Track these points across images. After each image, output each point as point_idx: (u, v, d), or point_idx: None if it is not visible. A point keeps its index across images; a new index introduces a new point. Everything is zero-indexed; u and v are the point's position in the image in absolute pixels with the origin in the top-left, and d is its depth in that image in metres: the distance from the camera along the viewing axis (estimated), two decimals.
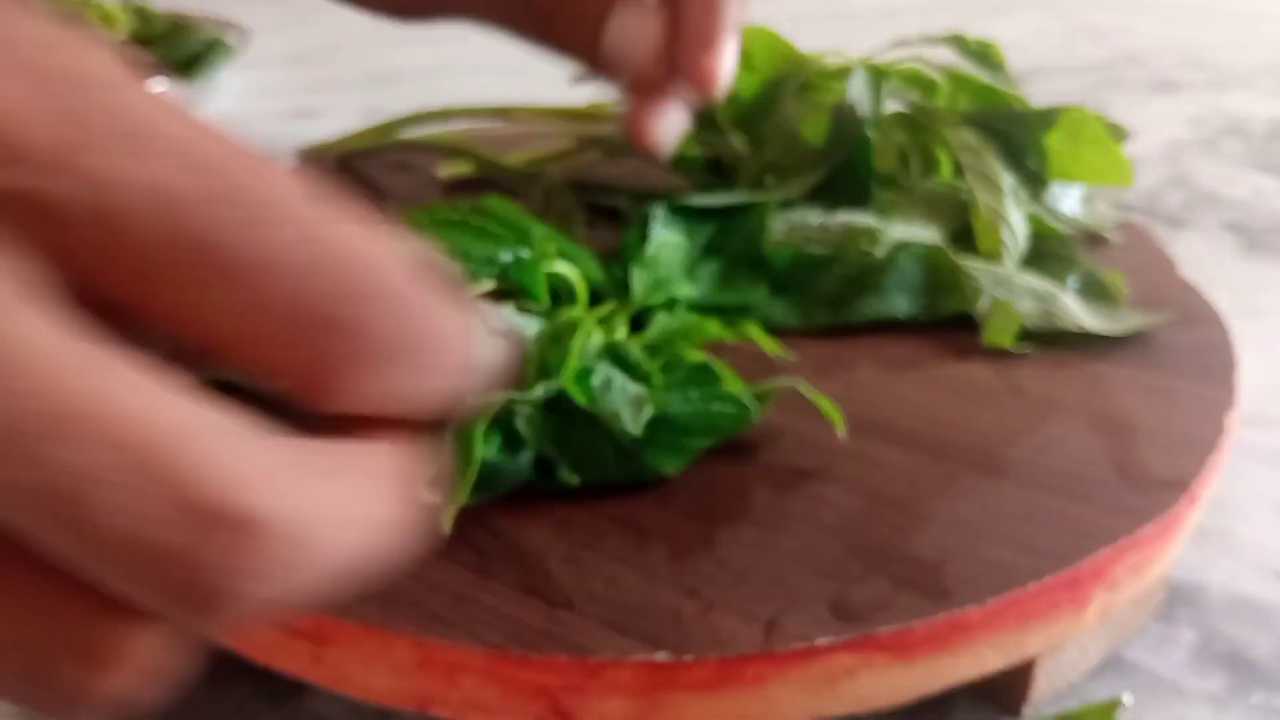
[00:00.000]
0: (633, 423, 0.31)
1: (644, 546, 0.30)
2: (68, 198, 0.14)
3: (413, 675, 0.27)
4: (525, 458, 0.32)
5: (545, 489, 0.32)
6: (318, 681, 0.29)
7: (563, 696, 0.26)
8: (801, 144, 0.47)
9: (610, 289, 0.40)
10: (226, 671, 0.34)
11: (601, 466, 0.32)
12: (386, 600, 0.28)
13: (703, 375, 0.34)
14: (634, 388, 0.32)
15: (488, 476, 0.32)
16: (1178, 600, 0.37)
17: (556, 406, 0.33)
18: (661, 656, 0.26)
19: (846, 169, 0.46)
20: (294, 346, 0.15)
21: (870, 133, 0.46)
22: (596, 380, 0.33)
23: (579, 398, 0.32)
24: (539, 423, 0.32)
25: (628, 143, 0.43)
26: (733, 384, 0.34)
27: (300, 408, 0.17)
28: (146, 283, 0.15)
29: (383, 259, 0.16)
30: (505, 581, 0.29)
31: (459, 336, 0.17)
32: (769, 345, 0.36)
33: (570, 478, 0.32)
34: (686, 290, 0.40)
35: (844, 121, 0.45)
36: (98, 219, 0.14)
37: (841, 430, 0.34)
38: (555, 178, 0.52)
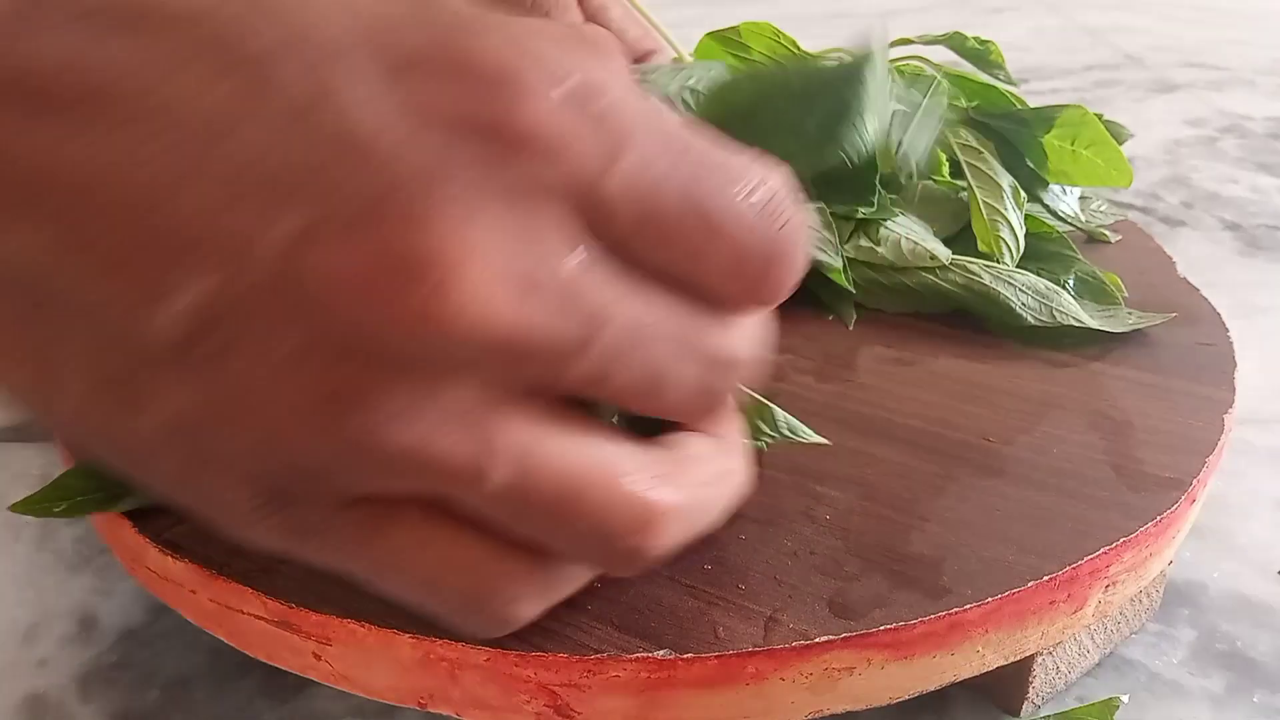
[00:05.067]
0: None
1: None
2: (615, 194, 0.20)
3: (414, 673, 0.27)
4: None
5: None
6: (320, 679, 0.29)
7: (563, 694, 0.27)
8: None
9: None
10: (229, 669, 0.34)
11: None
12: (389, 598, 0.28)
13: None
14: None
15: None
16: (1177, 599, 0.37)
17: None
18: (661, 654, 0.26)
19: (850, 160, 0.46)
20: (746, 272, 0.22)
21: None
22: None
23: None
24: None
25: None
26: None
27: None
28: (660, 244, 0.21)
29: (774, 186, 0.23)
30: None
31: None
32: None
33: None
34: None
35: None
36: (637, 208, 0.21)
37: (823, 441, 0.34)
38: None
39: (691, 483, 0.24)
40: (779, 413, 0.33)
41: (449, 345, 0.19)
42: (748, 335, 0.24)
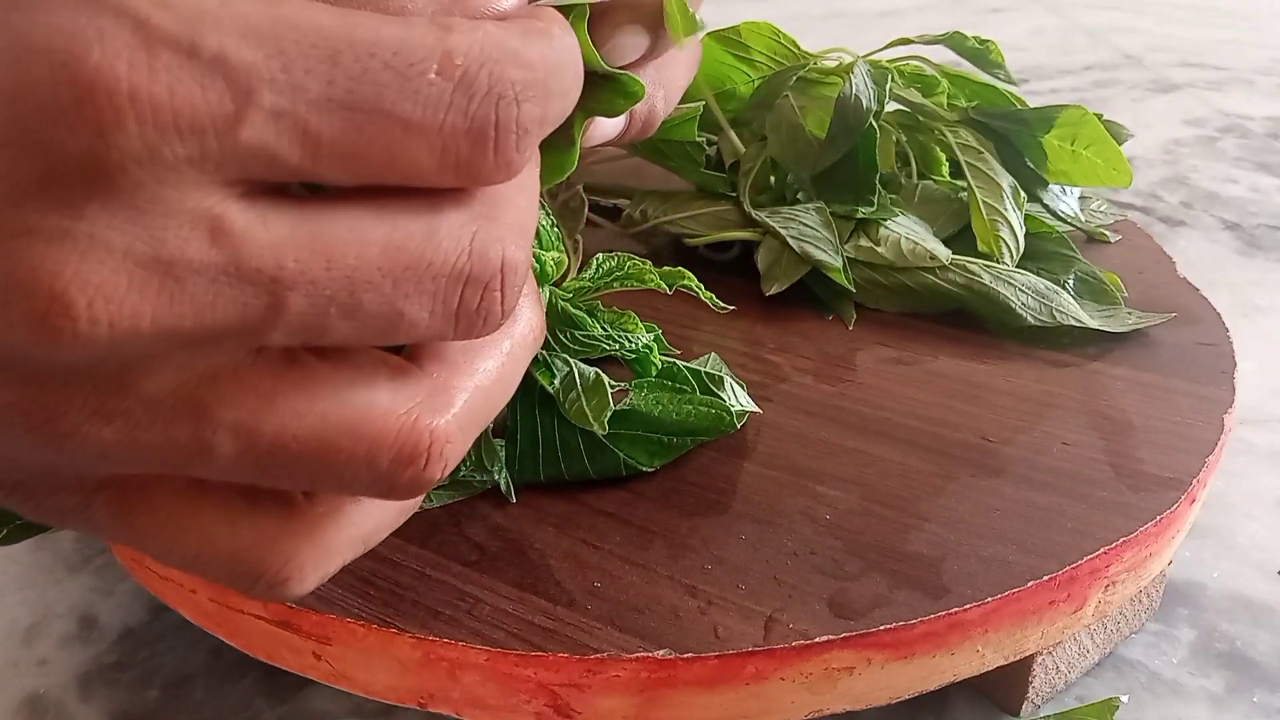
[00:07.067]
0: (597, 422, 0.31)
1: (644, 544, 0.30)
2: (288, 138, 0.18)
3: (414, 672, 0.27)
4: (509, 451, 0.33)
5: (536, 484, 0.32)
6: (320, 679, 0.29)
7: (563, 693, 0.27)
8: (804, 135, 0.47)
9: None
10: (229, 669, 0.34)
11: (575, 460, 0.32)
12: (388, 598, 0.28)
13: (670, 378, 0.34)
14: (590, 372, 0.33)
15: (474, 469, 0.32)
16: (1176, 599, 0.37)
17: (528, 390, 0.33)
18: (661, 653, 0.26)
19: (850, 160, 0.46)
20: (455, 160, 0.19)
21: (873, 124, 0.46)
22: (556, 376, 0.33)
23: (543, 380, 0.32)
24: (516, 410, 0.33)
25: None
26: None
27: None
28: (347, 163, 0.18)
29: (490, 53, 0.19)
30: (506, 579, 0.29)
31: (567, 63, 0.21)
32: (705, 296, 0.36)
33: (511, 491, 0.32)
34: None
35: (848, 112, 0.45)
36: (299, 141, 0.18)
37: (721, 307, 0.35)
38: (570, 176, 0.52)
39: (466, 386, 0.22)
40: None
41: (99, 353, 0.17)
42: (506, 228, 0.21)
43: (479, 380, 0.22)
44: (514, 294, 0.21)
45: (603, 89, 0.25)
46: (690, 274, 0.35)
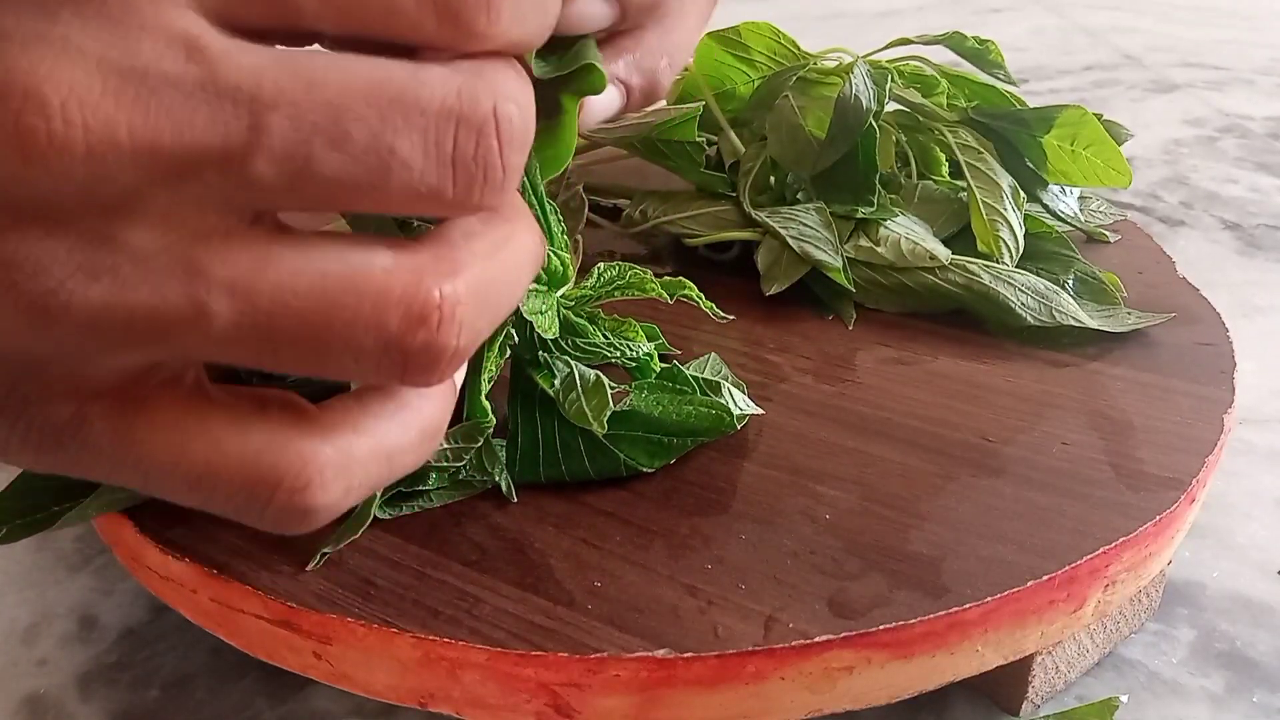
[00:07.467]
0: (596, 421, 0.31)
1: (644, 544, 0.30)
2: None
3: (414, 672, 0.27)
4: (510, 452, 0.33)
5: (537, 484, 0.32)
6: (320, 678, 0.29)
7: (563, 693, 0.27)
8: (804, 135, 0.47)
9: None
10: (229, 669, 0.34)
11: (576, 461, 0.33)
12: (388, 598, 0.28)
13: (671, 380, 0.34)
14: (591, 373, 0.33)
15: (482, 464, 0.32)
16: (1176, 599, 0.37)
17: (529, 392, 0.33)
18: (661, 653, 0.26)
19: (850, 160, 0.46)
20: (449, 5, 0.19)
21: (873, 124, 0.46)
22: (557, 377, 0.33)
23: (544, 384, 0.32)
24: (516, 411, 0.33)
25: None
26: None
27: None
28: (333, 10, 0.18)
29: None
30: (506, 579, 0.29)
31: None
32: (706, 305, 0.36)
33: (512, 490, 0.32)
34: None
35: (848, 112, 0.46)
36: None
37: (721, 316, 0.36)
38: (570, 177, 0.52)
39: (472, 262, 0.20)
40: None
41: (77, 172, 0.17)
42: (498, 84, 0.19)
43: (485, 263, 0.21)
44: (512, 151, 0.20)
45: (578, 72, 0.27)
46: (691, 284, 0.36)
